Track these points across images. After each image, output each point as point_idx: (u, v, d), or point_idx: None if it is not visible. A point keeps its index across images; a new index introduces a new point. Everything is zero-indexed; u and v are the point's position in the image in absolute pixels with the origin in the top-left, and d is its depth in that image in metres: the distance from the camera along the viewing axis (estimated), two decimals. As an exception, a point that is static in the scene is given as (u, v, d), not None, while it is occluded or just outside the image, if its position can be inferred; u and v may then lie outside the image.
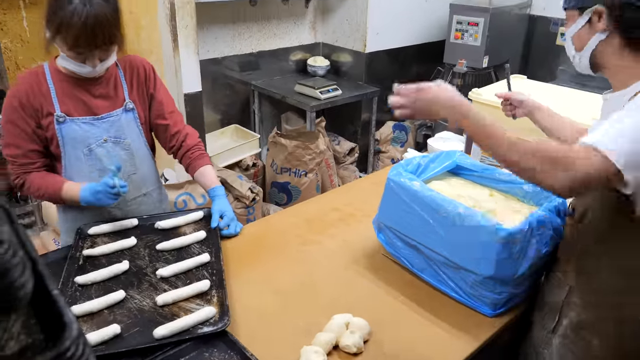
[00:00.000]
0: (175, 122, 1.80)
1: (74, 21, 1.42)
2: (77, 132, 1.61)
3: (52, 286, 0.49)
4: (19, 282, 0.40)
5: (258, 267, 1.57)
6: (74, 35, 1.44)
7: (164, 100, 1.77)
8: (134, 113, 1.70)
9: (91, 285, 1.43)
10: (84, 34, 1.44)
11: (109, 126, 1.65)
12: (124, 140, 1.69)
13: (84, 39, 1.45)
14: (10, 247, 0.38)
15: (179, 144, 1.81)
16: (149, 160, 1.79)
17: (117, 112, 1.67)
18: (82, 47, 1.47)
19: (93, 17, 1.43)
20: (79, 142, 1.62)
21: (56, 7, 1.45)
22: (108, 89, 1.66)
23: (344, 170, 3.96)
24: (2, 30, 3.29)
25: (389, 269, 1.57)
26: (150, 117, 1.77)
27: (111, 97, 1.67)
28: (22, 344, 0.45)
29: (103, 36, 1.47)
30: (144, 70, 1.74)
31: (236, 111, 3.80)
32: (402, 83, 1.32)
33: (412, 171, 1.55)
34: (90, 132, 1.63)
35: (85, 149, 1.63)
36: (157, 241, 1.61)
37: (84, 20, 1.42)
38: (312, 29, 4.02)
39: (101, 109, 1.65)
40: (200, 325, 1.27)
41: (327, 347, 1.23)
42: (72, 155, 1.63)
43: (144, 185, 1.80)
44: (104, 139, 1.65)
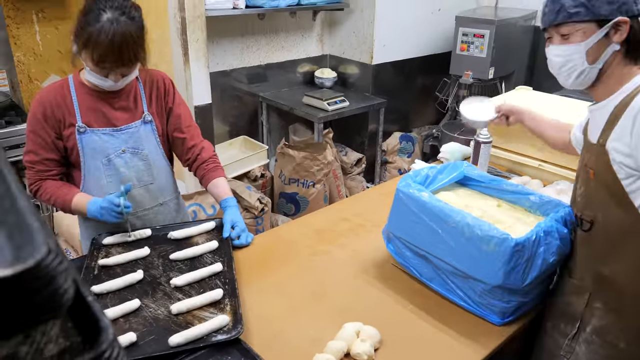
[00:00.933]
0: (192, 135, 1.84)
1: (101, 39, 1.47)
2: (97, 142, 1.66)
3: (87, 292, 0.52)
4: (63, 289, 0.43)
5: (269, 276, 1.60)
6: (100, 53, 1.49)
7: (181, 114, 1.82)
8: (152, 125, 1.75)
9: (107, 294, 1.46)
10: (111, 51, 1.49)
11: (127, 137, 1.70)
12: (142, 151, 1.73)
13: (110, 57, 1.50)
14: (58, 255, 0.41)
15: (195, 156, 1.85)
16: (166, 170, 1.83)
17: (136, 124, 1.72)
18: (108, 64, 1.52)
19: (120, 35, 1.48)
20: (98, 152, 1.67)
21: (85, 22, 1.50)
22: (128, 101, 1.71)
23: (352, 180, 3.99)
24: (16, 44, 3.36)
25: (398, 278, 1.59)
26: (167, 130, 1.81)
27: (131, 109, 1.72)
28: (61, 347, 0.48)
29: (128, 54, 1.52)
30: (164, 85, 1.79)
31: (244, 123, 3.85)
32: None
33: (420, 182, 1.57)
34: (109, 143, 1.68)
35: (104, 159, 1.68)
36: (171, 251, 1.65)
37: (110, 38, 1.47)
38: (319, 42, 4.08)
39: (120, 121, 1.69)
40: (214, 333, 1.30)
41: (338, 355, 1.25)
42: (92, 165, 1.68)
43: (161, 195, 1.84)
44: (122, 149, 1.69)
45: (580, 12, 1.22)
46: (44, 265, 0.39)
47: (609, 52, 1.23)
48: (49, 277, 0.41)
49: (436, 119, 4.59)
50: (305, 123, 3.99)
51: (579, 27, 1.23)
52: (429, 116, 4.57)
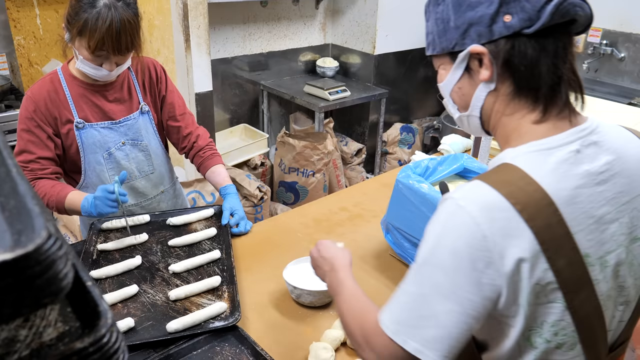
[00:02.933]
0: (187, 123, 1.83)
1: (99, 25, 1.41)
2: (97, 137, 1.64)
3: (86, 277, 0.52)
4: (62, 273, 0.43)
5: (267, 264, 1.60)
6: (98, 40, 1.44)
7: (175, 102, 1.80)
8: (149, 115, 1.74)
9: (105, 279, 1.47)
10: (109, 38, 1.44)
11: (126, 129, 1.68)
12: (142, 142, 1.72)
13: (109, 44, 1.45)
14: (57, 240, 0.42)
15: (191, 144, 1.84)
16: (164, 158, 1.83)
17: (134, 116, 1.70)
18: (105, 52, 1.47)
19: (118, 21, 1.43)
20: (98, 147, 1.65)
21: (79, 9, 1.44)
22: (122, 92, 1.68)
23: (351, 171, 3.99)
24: (16, 27, 3.34)
25: (396, 268, 1.60)
26: (161, 118, 1.80)
27: (126, 100, 1.69)
28: (60, 331, 0.48)
29: (126, 41, 1.47)
30: (155, 72, 1.75)
31: (245, 111, 3.84)
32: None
33: (420, 174, 1.57)
34: (109, 137, 1.66)
35: (104, 153, 1.66)
36: (169, 237, 1.65)
37: (108, 24, 1.42)
38: (321, 30, 4.06)
39: (117, 114, 1.67)
40: (211, 320, 1.30)
41: (335, 344, 1.26)
42: (92, 160, 1.66)
43: (161, 184, 1.84)
44: (122, 142, 1.68)
45: (430, 43, 0.94)
46: (44, 249, 0.40)
47: (480, 96, 0.88)
48: (49, 262, 0.41)
49: (437, 111, 4.58)
50: (306, 112, 3.98)
51: (438, 62, 0.94)
52: (430, 107, 4.56)
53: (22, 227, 0.42)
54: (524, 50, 0.81)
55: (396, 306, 0.84)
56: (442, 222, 0.81)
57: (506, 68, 0.83)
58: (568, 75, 0.84)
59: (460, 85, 0.91)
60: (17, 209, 0.44)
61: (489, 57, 0.83)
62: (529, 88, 0.84)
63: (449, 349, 0.79)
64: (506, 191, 0.77)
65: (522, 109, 0.86)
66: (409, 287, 0.83)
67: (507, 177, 0.79)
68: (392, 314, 0.84)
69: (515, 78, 0.84)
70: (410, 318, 0.81)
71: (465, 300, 0.77)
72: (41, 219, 0.42)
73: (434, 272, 0.79)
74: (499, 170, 0.82)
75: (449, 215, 0.80)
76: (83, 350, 0.47)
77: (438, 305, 0.78)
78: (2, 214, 0.44)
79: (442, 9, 0.88)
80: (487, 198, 0.77)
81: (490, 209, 0.77)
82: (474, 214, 0.77)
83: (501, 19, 0.81)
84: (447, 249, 0.78)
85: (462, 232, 0.77)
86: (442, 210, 0.82)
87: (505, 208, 0.76)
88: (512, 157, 0.83)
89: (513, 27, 0.80)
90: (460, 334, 0.79)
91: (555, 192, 0.78)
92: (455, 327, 0.78)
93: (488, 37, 0.82)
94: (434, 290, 0.79)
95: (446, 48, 0.89)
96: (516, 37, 0.81)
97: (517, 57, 0.82)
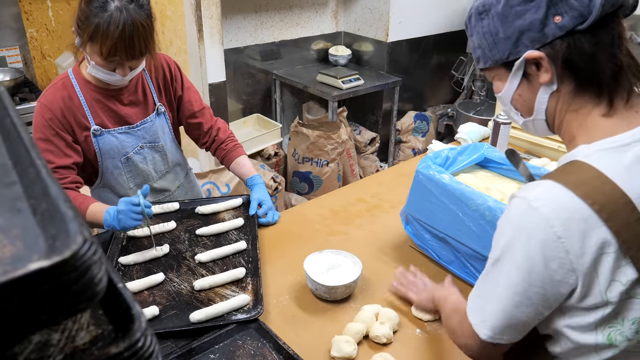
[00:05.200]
0: (206, 119, 1.81)
1: (111, 30, 1.34)
2: (114, 142, 1.60)
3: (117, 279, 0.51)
4: (97, 278, 0.42)
5: (286, 256, 1.59)
6: (110, 46, 1.37)
7: (192, 99, 1.77)
8: (165, 115, 1.71)
9: (133, 265, 1.49)
10: (122, 44, 1.37)
11: (144, 133, 1.65)
12: (159, 144, 1.70)
13: (122, 50, 1.38)
14: (92, 244, 0.40)
15: (212, 139, 1.83)
16: (178, 154, 1.82)
17: (151, 118, 1.67)
18: (118, 57, 1.40)
19: (131, 25, 1.36)
20: (116, 153, 1.62)
21: (89, 12, 1.36)
22: (137, 95, 1.63)
23: (365, 160, 3.97)
24: (28, 20, 3.34)
25: (416, 260, 1.58)
26: (179, 116, 1.78)
27: (141, 102, 1.65)
28: (92, 335, 0.47)
29: (140, 46, 1.40)
30: (170, 70, 1.70)
31: (258, 100, 3.82)
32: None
33: (440, 164, 1.55)
34: (127, 142, 1.63)
35: (122, 158, 1.64)
36: (197, 226, 1.66)
37: (121, 28, 1.35)
38: (334, 18, 4.01)
39: (134, 117, 1.63)
40: (234, 312, 1.31)
41: (357, 337, 1.25)
42: (110, 164, 1.64)
43: (177, 179, 1.83)
44: (140, 145, 1.66)
45: (480, 57, 0.94)
46: (80, 255, 0.39)
47: (543, 99, 0.89)
48: (84, 267, 0.40)
49: (451, 98, 4.53)
50: (319, 101, 3.95)
51: (492, 74, 0.95)
52: (444, 95, 4.51)
53: (56, 231, 0.41)
54: (581, 46, 0.82)
55: (474, 298, 0.95)
56: (516, 222, 0.83)
57: (566, 67, 0.84)
58: (627, 62, 0.84)
59: (520, 92, 0.92)
60: (50, 212, 0.43)
61: (547, 60, 0.84)
62: (591, 82, 0.85)
63: (520, 334, 0.89)
64: (582, 191, 0.78)
65: (587, 104, 0.86)
66: (483, 286, 0.92)
67: (581, 177, 0.80)
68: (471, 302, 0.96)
69: (576, 75, 0.85)
70: (484, 312, 0.90)
71: (537, 296, 0.82)
72: (75, 223, 0.41)
73: (508, 270, 0.84)
74: (573, 169, 0.82)
75: (522, 216, 0.82)
76: (118, 355, 0.46)
77: (510, 300, 0.85)
78: (34, 217, 0.43)
79: (487, 22, 0.89)
80: (563, 200, 0.78)
81: (566, 210, 0.78)
82: (548, 215, 0.78)
83: (551, 21, 0.82)
84: (521, 249, 0.81)
85: (535, 233, 0.79)
86: (515, 209, 0.84)
87: (581, 209, 0.77)
88: (585, 155, 0.82)
89: (566, 26, 0.81)
90: (529, 323, 0.87)
91: (633, 190, 0.78)
92: (521, 312, 0.85)
93: (542, 41, 0.84)
94: (507, 286, 0.85)
95: (500, 59, 0.90)
96: (570, 35, 0.82)
97: (575, 55, 0.83)
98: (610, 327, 0.82)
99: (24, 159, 0.51)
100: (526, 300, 0.84)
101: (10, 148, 0.53)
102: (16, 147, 0.53)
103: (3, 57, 3.27)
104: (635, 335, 0.82)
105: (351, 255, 1.47)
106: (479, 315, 0.92)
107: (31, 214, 0.44)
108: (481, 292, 0.93)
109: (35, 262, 0.36)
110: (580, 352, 0.86)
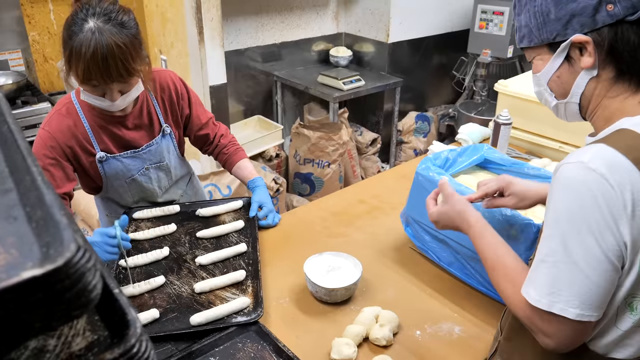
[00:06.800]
0: (212, 128, 1.81)
1: (82, 52, 1.28)
2: (119, 166, 1.59)
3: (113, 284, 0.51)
4: (92, 285, 0.42)
5: (286, 258, 1.60)
6: (83, 68, 1.30)
7: (199, 113, 1.76)
8: (171, 135, 1.69)
9: (134, 268, 1.49)
10: (95, 66, 1.30)
11: (149, 155, 1.64)
12: (164, 163, 1.69)
13: (96, 72, 1.31)
14: (86, 252, 0.41)
15: (215, 145, 1.84)
16: (182, 166, 1.82)
17: (157, 140, 1.64)
18: (95, 81, 1.34)
19: (104, 47, 1.28)
20: (121, 176, 1.62)
21: (67, 37, 1.31)
22: (142, 118, 1.60)
23: (366, 160, 3.97)
24: (30, 23, 3.35)
25: (417, 262, 1.58)
26: (187, 132, 1.78)
27: (146, 125, 1.61)
28: (88, 341, 0.47)
29: (117, 68, 1.32)
30: (175, 88, 1.66)
31: (259, 102, 3.83)
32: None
33: (440, 165, 1.55)
34: (132, 165, 1.62)
35: (127, 179, 1.64)
36: (198, 228, 1.67)
37: (92, 50, 1.28)
38: (334, 19, 4.01)
39: (139, 140, 1.60)
40: (234, 314, 1.31)
41: (357, 340, 1.25)
42: (115, 184, 1.64)
43: (180, 189, 1.84)
44: (145, 167, 1.65)
45: (525, 35, 0.96)
46: (73, 263, 0.39)
47: (581, 83, 0.92)
48: (78, 275, 0.40)
49: (452, 99, 4.53)
50: (320, 102, 3.96)
51: (533, 53, 0.98)
52: (445, 95, 4.51)
53: (51, 239, 0.41)
54: (627, 36, 0.85)
55: (543, 278, 0.86)
56: (575, 186, 0.82)
57: (609, 54, 0.87)
58: None
59: (559, 74, 0.94)
60: (44, 219, 0.43)
61: (593, 46, 0.87)
62: (632, 72, 0.88)
63: (603, 303, 0.84)
64: (633, 156, 0.80)
65: (626, 92, 0.89)
66: (553, 258, 0.85)
67: (632, 143, 0.82)
68: (542, 287, 0.86)
69: (618, 63, 0.88)
70: (563, 286, 0.83)
71: (612, 256, 0.81)
72: (69, 231, 0.41)
73: (580, 237, 0.82)
74: (622, 135, 0.85)
75: (582, 178, 0.82)
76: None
77: (590, 268, 0.81)
78: (30, 225, 0.44)
79: (540, 2, 0.92)
80: (616, 159, 0.80)
81: (618, 169, 0.80)
82: (604, 173, 0.80)
83: (604, 7, 0.85)
84: (586, 211, 0.81)
85: (597, 191, 0.80)
86: (572, 173, 0.83)
87: (632, 170, 0.79)
88: (633, 124, 0.85)
89: (617, 15, 0.84)
90: (609, 286, 0.83)
91: None
92: (604, 280, 0.82)
93: (591, 26, 0.86)
94: (583, 254, 0.81)
95: (546, 39, 0.92)
96: (619, 24, 0.85)
97: (621, 44, 0.85)
98: (634, 297, 0.85)
99: (20, 166, 0.51)
100: (603, 261, 0.82)
101: (7, 155, 0.54)
102: (13, 154, 0.53)
103: (5, 60, 3.28)
104: None
105: (351, 257, 1.47)
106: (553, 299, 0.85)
107: (26, 222, 0.44)
108: (549, 271, 0.85)
109: (29, 270, 0.37)
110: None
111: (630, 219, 0.79)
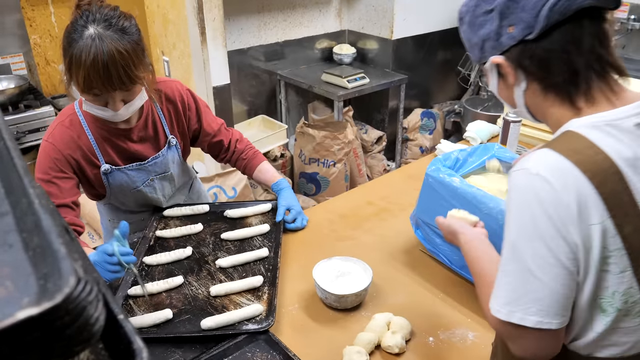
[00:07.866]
0: (225, 134, 1.77)
1: (82, 59, 1.24)
2: (124, 178, 1.57)
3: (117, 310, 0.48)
4: (94, 318, 0.40)
5: (295, 264, 1.57)
6: (84, 76, 1.26)
7: (210, 122, 1.73)
8: (177, 146, 1.66)
9: (156, 266, 1.50)
10: (95, 74, 1.26)
11: (154, 167, 1.62)
12: (168, 174, 1.67)
13: (97, 80, 1.27)
14: (87, 284, 0.38)
15: (232, 152, 1.80)
16: (186, 175, 1.80)
17: (162, 152, 1.62)
18: (96, 89, 1.30)
19: (105, 54, 1.25)
20: (126, 187, 1.59)
21: (66, 43, 1.28)
22: (147, 130, 1.56)
23: (372, 159, 3.93)
24: (31, 26, 3.33)
25: (428, 265, 1.55)
26: (199, 141, 1.75)
27: (151, 137, 1.58)
28: (93, 370, 0.45)
29: (118, 75, 1.28)
30: (182, 99, 1.62)
31: (263, 101, 3.80)
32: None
33: (450, 166, 1.52)
34: (137, 177, 1.59)
35: (132, 190, 1.61)
36: (224, 229, 1.67)
37: (93, 57, 1.24)
38: (337, 17, 3.97)
39: (145, 153, 1.58)
40: (245, 321, 1.29)
41: (369, 347, 1.22)
42: (119, 194, 1.62)
43: (183, 194, 1.82)
44: (150, 179, 1.63)
45: (470, 55, 1.02)
46: (73, 298, 0.36)
47: (519, 95, 0.95)
48: (79, 310, 0.37)
49: (458, 95, 4.48)
50: (325, 101, 3.92)
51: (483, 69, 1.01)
52: (451, 92, 4.46)
53: (48, 270, 0.38)
54: (533, 53, 0.88)
55: (502, 289, 0.86)
56: (521, 193, 0.84)
57: (524, 71, 0.91)
58: (591, 62, 0.86)
59: (500, 89, 0.99)
60: (42, 248, 0.40)
61: (508, 65, 0.91)
62: (553, 84, 0.89)
63: (564, 309, 0.83)
64: (575, 159, 0.81)
65: (561, 101, 0.90)
66: (508, 267, 0.85)
67: (574, 146, 0.83)
68: (500, 298, 0.86)
69: (536, 77, 0.90)
70: (520, 295, 0.83)
71: (564, 259, 0.81)
72: (68, 262, 0.38)
73: (531, 243, 0.82)
74: (566, 138, 0.85)
75: (526, 185, 0.83)
76: (119, 396, 0.43)
77: (543, 273, 0.81)
78: (26, 253, 0.41)
79: (464, 29, 0.99)
80: (559, 165, 0.81)
81: (562, 172, 0.81)
82: (547, 177, 0.81)
83: (506, 31, 0.89)
84: (534, 217, 0.81)
85: (543, 196, 0.81)
86: (517, 182, 0.85)
87: (575, 175, 0.80)
88: (578, 127, 0.85)
89: (516, 36, 0.88)
90: (569, 293, 0.83)
91: (621, 161, 0.81)
92: (560, 284, 0.81)
93: (500, 48, 0.91)
94: (535, 259, 0.82)
95: (476, 61, 0.99)
96: (523, 43, 0.88)
97: (530, 61, 0.89)
98: (602, 299, 0.85)
99: (16, 186, 0.48)
100: (559, 268, 0.81)
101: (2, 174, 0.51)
102: (9, 174, 0.50)
103: (7, 64, 3.26)
104: (624, 305, 0.84)
105: (361, 261, 1.44)
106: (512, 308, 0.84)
107: (23, 250, 0.41)
108: (507, 281, 0.85)
109: (25, 309, 0.34)
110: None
111: (578, 221, 0.79)
